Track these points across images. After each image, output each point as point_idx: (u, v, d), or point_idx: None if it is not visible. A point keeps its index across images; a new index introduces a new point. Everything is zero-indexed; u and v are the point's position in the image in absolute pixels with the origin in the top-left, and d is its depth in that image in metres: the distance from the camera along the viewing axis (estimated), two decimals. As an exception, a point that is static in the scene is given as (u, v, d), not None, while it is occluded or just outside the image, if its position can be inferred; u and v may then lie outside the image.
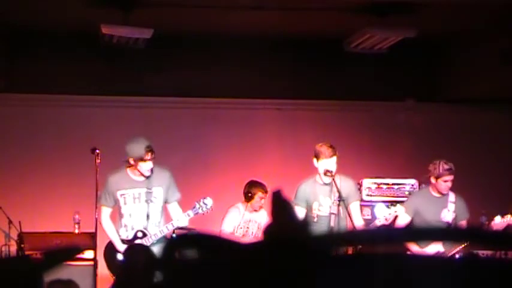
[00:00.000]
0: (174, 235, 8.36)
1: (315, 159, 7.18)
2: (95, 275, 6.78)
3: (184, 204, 9.78)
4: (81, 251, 6.75)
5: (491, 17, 8.83)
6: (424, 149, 10.33)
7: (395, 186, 9.10)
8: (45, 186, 9.64)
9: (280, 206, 1.48)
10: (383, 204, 7.23)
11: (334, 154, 7.12)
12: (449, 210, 7.39)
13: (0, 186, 9.62)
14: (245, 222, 8.67)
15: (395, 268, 1.41)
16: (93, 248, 7.42)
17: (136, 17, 8.31)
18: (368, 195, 9.01)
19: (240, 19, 9.12)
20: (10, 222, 8.80)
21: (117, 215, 7.20)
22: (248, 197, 8.58)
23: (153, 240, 6.99)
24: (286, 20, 9.08)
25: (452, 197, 7.44)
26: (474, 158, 10.27)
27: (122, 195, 7.08)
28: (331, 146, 7.17)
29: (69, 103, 9.77)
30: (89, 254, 7.58)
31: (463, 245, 6.93)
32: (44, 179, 9.67)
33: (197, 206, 7.27)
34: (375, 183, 9.10)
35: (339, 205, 7.07)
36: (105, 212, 7.18)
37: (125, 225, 7.08)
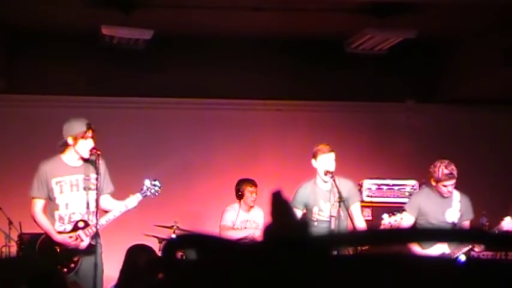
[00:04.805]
0: (173, 235, 8.39)
1: (313, 160, 7.13)
2: (95, 275, 6.67)
3: (185, 205, 9.82)
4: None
5: (491, 17, 8.83)
6: (424, 150, 10.33)
7: (396, 187, 9.11)
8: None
9: (280, 206, 1.48)
10: (386, 215, 7.12)
11: (332, 150, 7.10)
12: (454, 210, 7.09)
13: (0, 186, 9.63)
14: (242, 222, 8.71)
15: (397, 269, 1.41)
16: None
17: (136, 17, 8.31)
18: (368, 196, 9.02)
19: (240, 20, 9.12)
20: (10, 223, 8.81)
21: (47, 209, 6.61)
22: (239, 195, 8.69)
23: (94, 232, 6.51)
24: (287, 20, 9.08)
25: (457, 196, 7.10)
26: (475, 158, 10.27)
27: (57, 182, 6.53)
28: (328, 144, 7.18)
29: (69, 104, 9.75)
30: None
31: (469, 247, 6.91)
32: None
33: (145, 187, 6.74)
34: (376, 184, 9.10)
35: (339, 206, 7.02)
36: (39, 204, 6.58)
37: (60, 218, 6.56)
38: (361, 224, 7.18)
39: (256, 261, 1.39)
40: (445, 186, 6.93)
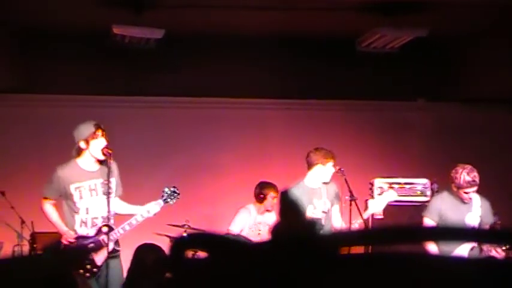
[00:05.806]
0: (184, 234, 8.39)
1: (319, 165, 7.29)
2: (106, 274, 6.68)
3: (195, 204, 9.81)
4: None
5: (502, 16, 8.79)
6: (435, 149, 10.31)
7: (407, 186, 9.07)
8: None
9: (288, 206, 1.48)
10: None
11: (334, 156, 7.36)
12: (474, 215, 6.98)
13: (13, 186, 9.65)
14: (256, 225, 8.66)
15: (405, 268, 1.41)
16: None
17: (147, 17, 8.33)
18: (380, 194, 8.99)
19: (250, 19, 9.12)
20: (23, 222, 8.85)
21: (66, 213, 6.68)
22: (260, 198, 8.57)
23: (118, 235, 6.59)
24: (297, 19, 9.07)
25: (477, 200, 7.00)
26: (485, 157, 10.21)
27: (76, 188, 6.58)
28: (329, 150, 7.39)
29: (80, 103, 9.76)
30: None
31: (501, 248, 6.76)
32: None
33: (165, 194, 6.86)
34: (387, 182, 9.07)
35: (350, 204, 7.25)
36: (49, 203, 6.71)
37: (82, 222, 6.61)
38: (338, 224, 7.46)
39: (264, 260, 1.39)
40: (466, 193, 6.89)
